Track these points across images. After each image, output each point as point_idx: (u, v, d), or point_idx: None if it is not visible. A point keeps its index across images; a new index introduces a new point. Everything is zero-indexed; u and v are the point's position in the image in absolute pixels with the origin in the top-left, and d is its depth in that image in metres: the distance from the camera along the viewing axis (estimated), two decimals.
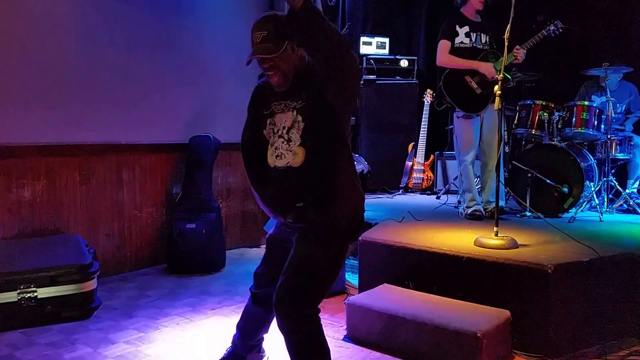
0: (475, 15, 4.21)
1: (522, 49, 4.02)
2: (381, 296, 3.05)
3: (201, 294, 3.72)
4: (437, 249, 3.11)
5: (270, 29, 1.96)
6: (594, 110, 4.49)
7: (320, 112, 1.97)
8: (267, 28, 1.96)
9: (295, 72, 2.02)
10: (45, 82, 3.75)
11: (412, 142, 5.87)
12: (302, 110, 2.00)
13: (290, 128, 2.02)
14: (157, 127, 4.42)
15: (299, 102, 2.01)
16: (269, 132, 2.09)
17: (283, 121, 2.05)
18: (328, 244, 2.02)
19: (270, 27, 1.96)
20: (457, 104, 4.14)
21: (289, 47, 1.97)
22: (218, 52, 4.81)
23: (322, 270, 2.02)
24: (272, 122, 2.08)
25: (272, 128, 2.08)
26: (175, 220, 4.29)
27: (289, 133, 2.02)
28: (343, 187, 2.04)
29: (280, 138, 2.04)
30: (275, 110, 2.08)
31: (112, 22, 4.08)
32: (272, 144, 2.07)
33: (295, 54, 2.00)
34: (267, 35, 1.95)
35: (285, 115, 2.05)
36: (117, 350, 2.80)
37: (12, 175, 3.63)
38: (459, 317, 2.68)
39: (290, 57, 1.99)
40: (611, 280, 2.94)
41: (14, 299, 3.06)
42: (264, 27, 1.97)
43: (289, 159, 2.01)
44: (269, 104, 2.11)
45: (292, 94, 2.04)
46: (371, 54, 6.12)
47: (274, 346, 2.59)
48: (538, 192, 4.34)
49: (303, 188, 2.00)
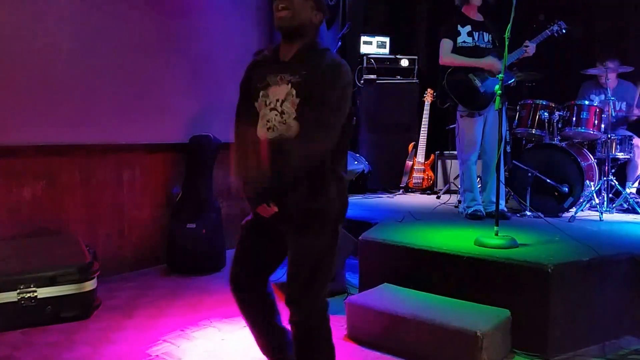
0: (476, 14, 4.20)
1: (532, 43, 4.02)
2: (381, 296, 3.05)
3: (201, 294, 3.72)
4: (437, 249, 3.11)
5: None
6: (594, 110, 4.49)
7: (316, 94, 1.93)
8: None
9: (301, 28, 1.99)
10: (45, 81, 3.74)
11: (412, 142, 5.87)
12: (297, 85, 1.95)
13: (284, 101, 1.97)
14: (158, 127, 4.42)
15: (296, 77, 1.96)
16: (261, 104, 2.04)
17: (277, 94, 1.99)
18: (323, 232, 2.01)
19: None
20: (460, 102, 4.14)
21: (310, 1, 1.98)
22: (218, 51, 4.80)
23: (324, 260, 2.02)
24: (265, 95, 2.02)
25: (264, 100, 2.03)
26: (175, 220, 4.29)
27: (282, 106, 1.97)
28: (332, 171, 2.01)
29: (273, 111, 1.99)
30: (270, 82, 2.03)
31: (112, 22, 4.07)
32: (263, 117, 2.02)
33: (311, 13, 1.99)
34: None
35: (279, 89, 1.99)
36: (118, 350, 2.80)
37: (12, 176, 3.63)
38: (459, 317, 2.68)
39: (305, 8, 1.97)
40: (611, 280, 2.94)
41: (14, 299, 3.06)
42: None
43: (282, 131, 1.96)
44: (263, 76, 2.05)
45: (291, 67, 1.98)
46: (371, 54, 6.12)
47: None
48: (538, 192, 4.34)
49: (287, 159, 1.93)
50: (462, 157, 4.24)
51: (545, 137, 4.57)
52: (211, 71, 4.77)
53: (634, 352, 2.78)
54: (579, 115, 4.51)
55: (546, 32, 4.09)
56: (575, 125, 4.51)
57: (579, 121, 4.51)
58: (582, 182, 4.22)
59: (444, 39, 4.17)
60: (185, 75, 4.59)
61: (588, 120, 4.49)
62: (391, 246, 3.29)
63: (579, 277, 2.84)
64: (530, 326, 2.76)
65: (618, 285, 2.96)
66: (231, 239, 4.83)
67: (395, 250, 3.26)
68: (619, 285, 2.97)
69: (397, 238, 3.35)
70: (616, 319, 2.95)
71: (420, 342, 2.69)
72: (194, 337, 2.99)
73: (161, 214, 4.46)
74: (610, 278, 2.94)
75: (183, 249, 4.22)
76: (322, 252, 2.01)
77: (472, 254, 2.98)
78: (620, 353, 2.78)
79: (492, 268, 2.89)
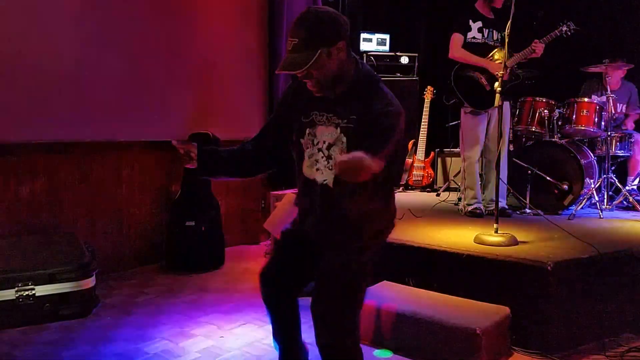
0: (489, 11, 4.18)
1: (540, 43, 4.00)
2: (381, 293, 3.05)
3: (200, 292, 3.72)
4: (437, 246, 3.11)
5: (302, 36, 1.77)
6: (594, 107, 4.48)
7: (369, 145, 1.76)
8: (299, 35, 1.78)
9: (336, 78, 1.84)
10: (44, 80, 3.73)
11: (412, 139, 5.86)
12: (347, 131, 1.84)
13: (332, 145, 1.88)
14: (157, 125, 4.40)
15: (344, 122, 1.85)
16: (307, 143, 1.94)
17: (324, 135, 1.90)
18: (360, 252, 1.93)
19: (302, 33, 1.77)
20: (466, 100, 4.12)
21: (324, 54, 1.77)
22: (218, 49, 4.79)
23: (359, 278, 1.92)
24: (312, 134, 1.92)
25: (311, 139, 1.93)
26: (174, 217, 4.29)
27: (330, 150, 1.88)
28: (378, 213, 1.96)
29: (320, 152, 1.90)
30: (316, 120, 1.92)
31: (112, 20, 4.06)
32: (311, 156, 1.94)
33: (331, 60, 1.80)
34: (297, 43, 1.77)
35: (327, 130, 1.89)
36: (116, 347, 2.79)
37: (11, 173, 3.62)
38: (458, 314, 2.68)
39: (326, 64, 1.79)
40: (610, 277, 2.94)
41: (12, 297, 3.06)
42: (295, 34, 1.79)
43: (327, 176, 1.90)
44: (308, 110, 1.94)
45: (338, 108, 1.87)
46: (371, 51, 6.11)
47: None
48: (538, 189, 4.34)
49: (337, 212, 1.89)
50: (465, 154, 4.22)
51: (545, 135, 4.56)
52: (211, 69, 4.76)
53: (633, 349, 2.78)
54: (578, 113, 4.50)
55: (553, 34, 4.07)
56: (575, 123, 4.50)
57: (578, 119, 4.50)
58: (582, 179, 4.21)
59: (455, 33, 4.14)
60: (185, 73, 4.58)
61: (588, 117, 4.48)
62: (391, 243, 3.27)
63: (578, 275, 2.84)
64: (530, 323, 2.76)
65: (617, 282, 2.96)
66: (230, 237, 4.85)
67: (395, 247, 3.26)
68: (618, 282, 2.96)
69: (397, 235, 3.34)
70: (616, 316, 2.95)
71: (419, 339, 2.68)
72: (193, 334, 2.98)
73: (160, 211, 4.46)
74: (610, 275, 2.93)
75: (182, 246, 4.22)
76: (358, 270, 1.91)
77: (471, 252, 2.98)
78: (619, 350, 2.78)
79: (492, 265, 2.88)
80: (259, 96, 4.94)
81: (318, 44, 1.77)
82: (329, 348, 1.88)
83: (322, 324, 1.86)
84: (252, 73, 5.07)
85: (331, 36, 1.79)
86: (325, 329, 1.86)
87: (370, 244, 1.97)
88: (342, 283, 1.87)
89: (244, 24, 5.03)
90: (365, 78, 1.90)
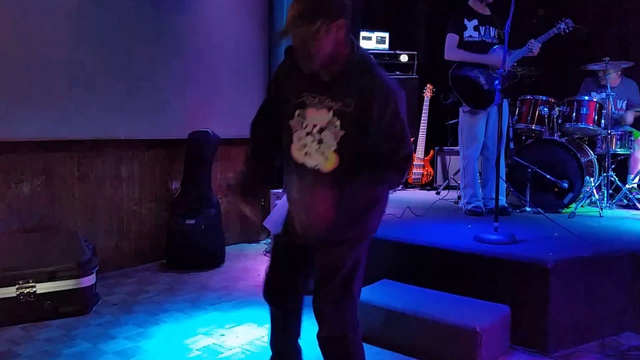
0: (484, 8, 4.16)
1: (537, 42, 3.99)
2: (381, 291, 3.05)
3: (200, 290, 3.72)
4: (436, 245, 3.11)
5: (302, 7, 1.72)
6: (594, 106, 4.48)
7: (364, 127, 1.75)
8: (299, 6, 1.73)
9: (331, 57, 1.76)
10: (43, 77, 3.72)
11: (412, 138, 5.85)
12: (341, 115, 1.78)
13: (324, 129, 1.81)
14: (156, 123, 4.40)
15: (339, 105, 1.78)
16: (296, 125, 1.87)
17: (315, 118, 1.82)
18: (356, 245, 1.92)
19: (302, 4, 1.73)
20: (464, 99, 4.11)
21: (323, 28, 1.71)
22: (218, 47, 4.78)
23: (355, 272, 1.91)
24: (302, 115, 1.84)
25: (300, 121, 1.85)
26: (174, 215, 4.29)
27: (322, 134, 1.81)
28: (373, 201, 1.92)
29: (310, 136, 1.83)
30: (307, 102, 1.85)
31: (111, 18, 4.05)
32: (299, 139, 1.86)
33: (329, 36, 1.73)
34: (297, 14, 1.72)
35: (318, 113, 1.82)
36: (117, 345, 2.80)
37: (11, 171, 3.62)
38: (458, 312, 2.68)
39: (323, 39, 1.72)
40: (610, 276, 2.94)
41: (13, 294, 3.06)
42: (296, 4, 1.74)
43: (318, 161, 1.83)
44: (299, 91, 1.87)
45: (332, 91, 1.80)
46: (371, 49, 6.09)
47: None
48: (538, 188, 4.34)
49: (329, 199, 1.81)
50: (464, 152, 4.21)
51: (545, 133, 4.56)
52: (210, 67, 4.75)
53: (633, 348, 2.78)
54: (578, 111, 4.50)
55: (553, 31, 4.05)
56: (575, 121, 4.50)
57: (578, 117, 4.49)
58: (582, 177, 4.21)
59: (449, 34, 4.12)
60: (185, 71, 4.57)
61: (588, 116, 4.48)
62: (391, 242, 3.29)
63: (578, 273, 2.84)
64: (530, 322, 2.76)
65: (618, 281, 2.96)
66: (230, 235, 4.86)
67: (394, 246, 3.26)
68: (618, 281, 2.96)
69: (397, 234, 3.35)
70: (616, 315, 2.95)
71: (419, 337, 2.68)
72: (193, 332, 2.98)
73: (160, 209, 4.46)
74: (610, 274, 2.94)
75: (182, 244, 4.22)
76: (354, 264, 1.90)
77: (471, 250, 2.98)
78: (620, 349, 2.78)
79: (492, 264, 2.89)
80: (259, 94, 4.94)
81: (319, 14, 1.71)
82: (329, 342, 1.90)
83: (322, 318, 1.88)
84: (252, 71, 5.07)
85: (334, 11, 1.74)
86: (326, 323, 1.88)
87: (363, 237, 1.95)
88: (339, 279, 1.88)
89: (244, 23, 5.03)
90: (361, 60, 1.83)
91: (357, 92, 1.77)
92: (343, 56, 1.80)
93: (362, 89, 1.77)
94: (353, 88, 1.78)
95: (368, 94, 1.76)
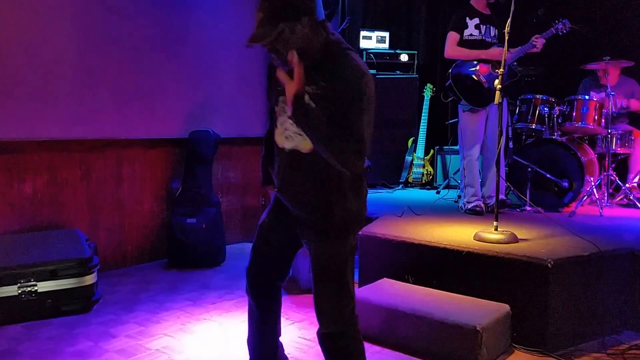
0: (485, 7, 4.18)
1: (541, 38, 4.00)
2: (381, 290, 3.06)
3: (201, 288, 3.73)
4: (436, 244, 3.11)
5: (266, 10, 1.75)
6: (594, 105, 4.48)
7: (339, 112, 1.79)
8: (263, 8, 1.76)
9: (302, 53, 1.78)
10: (46, 77, 3.74)
11: (412, 137, 5.86)
12: (315, 97, 1.82)
13: None
14: (157, 122, 4.41)
15: (312, 87, 1.82)
16: (280, 110, 1.95)
17: None
18: (343, 237, 1.96)
19: (265, 7, 1.75)
20: (464, 97, 4.11)
21: (286, 30, 1.73)
22: (218, 47, 4.79)
23: (347, 266, 1.96)
24: (284, 101, 1.87)
25: (282, 107, 1.93)
26: (175, 215, 4.30)
27: None
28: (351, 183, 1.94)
29: (290, 120, 1.89)
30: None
31: (113, 18, 4.06)
32: (282, 124, 1.95)
33: (295, 35, 1.75)
34: (262, 18, 1.75)
35: None
36: (118, 344, 2.81)
37: (13, 171, 3.63)
38: (458, 311, 2.68)
39: (289, 40, 1.75)
40: (611, 275, 2.95)
41: (14, 293, 3.07)
42: (260, 8, 1.77)
43: (297, 142, 1.90)
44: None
45: (307, 76, 1.80)
46: (371, 49, 6.10)
47: None
48: (538, 187, 4.34)
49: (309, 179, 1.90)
50: (464, 151, 4.22)
51: (546, 132, 4.56)
52: (211, 67, 4.76)
53: (634, 347, 2.79)
54: (579, 110, 4.51)
55: (551, 31, 4.07)
56: (576, 120, 4.50)
57: (579, 116, 4.50)
58: (582, 177, 4.22)
59: (451, 31, 4.15)
60: (185, 71, 4.58)
61: (588, 115, 4.49)
62: (391, 241, 3.29)
63: (578, 272, 2.84)
64: (530, 321, 2.77)
65: (618, 280, 2.97)
66: (231, 234, 4.86)
67: (394, 245, 3.27)
68: (619, 280, 2.97)
69: (397, 233, 3.36)
70: (616, 314, 2.96)
71: (419, 336, 2.69)
72: (194, 331, 3.00)
73: (161, 208, 4.47)
74: (610, 273, 2.94)
75: (183, 243, 4.23)
76: (345, 258, 1.95)
77: (471, 249, 2.99)
78: (620, 348, 2.79)
79: (492, 263, 2.89)
80: (259, 94, 4.94)
81: (279, 19, 1.73)
82: (328, 338, 1.95)
83: (320, 315, 1.94)
84: (252, 70, 5.07)
85: (293, 13, 1.75)
86: (324, 320, 1.94)
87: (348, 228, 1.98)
88: (331, 275, 1.94)
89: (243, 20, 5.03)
90: (335, 45, 1.88)
91: (330, 75, 1.82)
92: (315, 48, 1.84)
93: (334, 71, 1.82)
94: (327, 72, 1.83)
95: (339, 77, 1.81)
